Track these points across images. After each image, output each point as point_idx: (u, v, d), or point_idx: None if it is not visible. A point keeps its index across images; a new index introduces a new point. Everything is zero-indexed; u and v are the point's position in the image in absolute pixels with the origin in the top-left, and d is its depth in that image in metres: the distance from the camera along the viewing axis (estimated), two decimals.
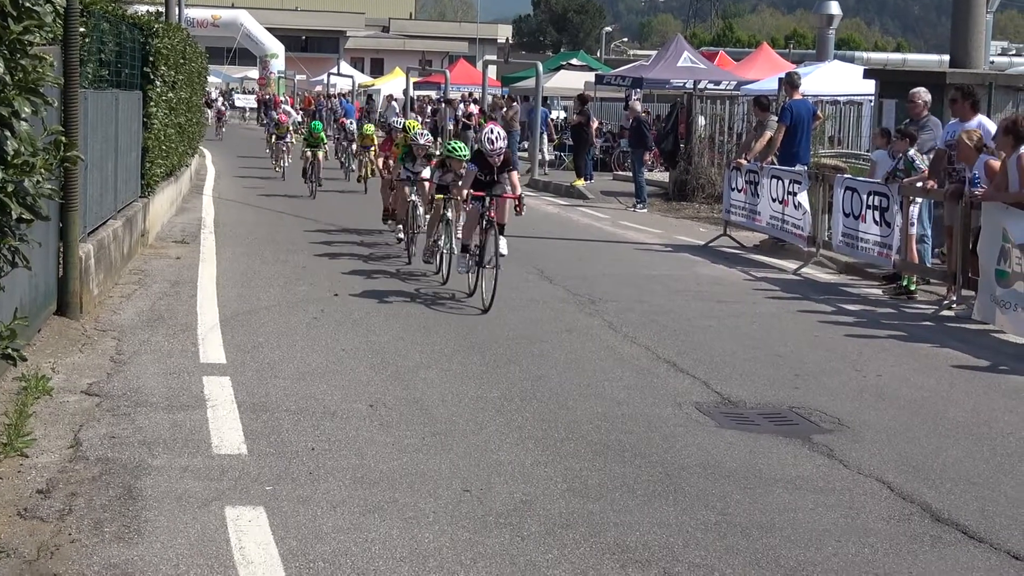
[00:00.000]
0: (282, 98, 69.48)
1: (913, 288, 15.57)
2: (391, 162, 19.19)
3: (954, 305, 14.30)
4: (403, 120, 20.37)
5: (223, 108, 57.38)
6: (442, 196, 15.01)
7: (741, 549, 6.56)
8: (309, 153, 27.77)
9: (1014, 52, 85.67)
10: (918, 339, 12.61)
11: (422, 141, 17.06)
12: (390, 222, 19.30)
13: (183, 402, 9.14)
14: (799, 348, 11.98)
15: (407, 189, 17.13)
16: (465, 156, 14.53)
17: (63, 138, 6.79)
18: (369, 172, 28.09)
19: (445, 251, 15.27)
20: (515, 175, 14.25)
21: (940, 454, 8.48)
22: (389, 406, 9.26)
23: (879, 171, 16.74)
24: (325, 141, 29.04)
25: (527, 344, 11.71)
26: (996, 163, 13.56)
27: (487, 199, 13.78)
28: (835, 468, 8.08)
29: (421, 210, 17.03)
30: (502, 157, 13.82)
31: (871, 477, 7.89)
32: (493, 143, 13.64)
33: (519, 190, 14.07)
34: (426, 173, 16.91)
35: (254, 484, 7.33)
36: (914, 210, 15.66)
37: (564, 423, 8.93)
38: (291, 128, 33.63)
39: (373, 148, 26.68)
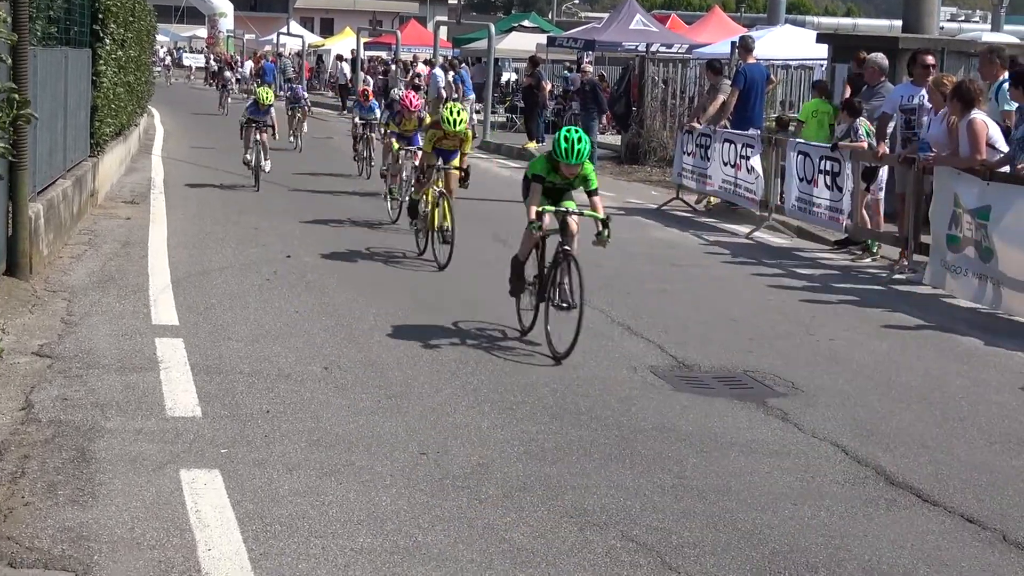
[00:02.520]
0: (233, 55, 68.95)
1: (875, 249, 15.63)
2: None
3: (907, 270, 14.37)
4: None
5: (229, 77, 47.53)
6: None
7: (698, 512, 6.58)
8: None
9: (963, 18, 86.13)
10: (870, 304, 12.67)
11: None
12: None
13: (136, 364, 9.05)
14: (753, 312, 12.02)
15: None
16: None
17: (16, 95, 6.69)
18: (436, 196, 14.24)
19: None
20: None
21: (893, 418, 8.53)
22: (344, 368, 9.22)
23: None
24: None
25: (482, 307, 11.69)
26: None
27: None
28: (790, 432, 8.12)
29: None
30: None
31: (826, 441, 7.93)
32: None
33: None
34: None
35: (209, 447, 7.28)
36: (883, 174, 15.64)
37: (520, 386, 8.92)
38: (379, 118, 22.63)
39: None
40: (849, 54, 19.16)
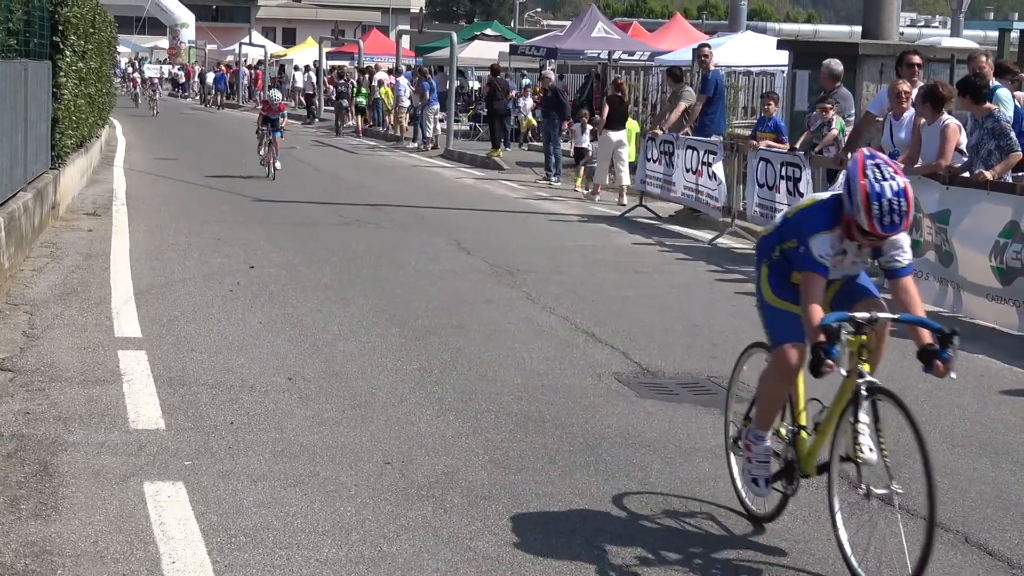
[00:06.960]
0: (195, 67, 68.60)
1: None
2: None
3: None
4: None
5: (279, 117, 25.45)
6: None
7: (663, 519, 6.60)
8: None
9: (923, 23, 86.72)
10: None
11: None
12: None
13: (98, 377, 9.02)
14: (716, 318, 12.06)
15: None
16: None
17: None
18: None
19: None
20: None
21: None
22: (308, 379, 9.20)
23: None
24: None
25: (446, 316, 11.69)
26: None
27: None
28: None
29: None
30: None
31: None
32: None
33: None
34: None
35: (173, 459, 7.26)
36: None
37: (484, 395, 8.93)
38: None
39: None
40: (809, 60, 19.25)
